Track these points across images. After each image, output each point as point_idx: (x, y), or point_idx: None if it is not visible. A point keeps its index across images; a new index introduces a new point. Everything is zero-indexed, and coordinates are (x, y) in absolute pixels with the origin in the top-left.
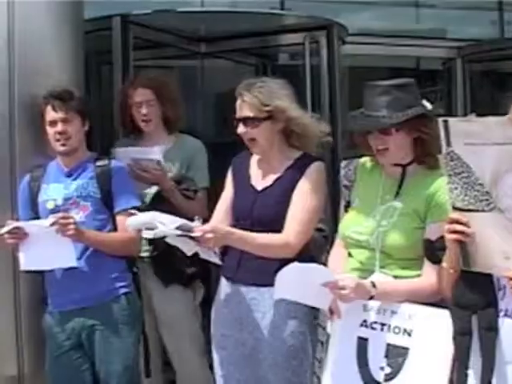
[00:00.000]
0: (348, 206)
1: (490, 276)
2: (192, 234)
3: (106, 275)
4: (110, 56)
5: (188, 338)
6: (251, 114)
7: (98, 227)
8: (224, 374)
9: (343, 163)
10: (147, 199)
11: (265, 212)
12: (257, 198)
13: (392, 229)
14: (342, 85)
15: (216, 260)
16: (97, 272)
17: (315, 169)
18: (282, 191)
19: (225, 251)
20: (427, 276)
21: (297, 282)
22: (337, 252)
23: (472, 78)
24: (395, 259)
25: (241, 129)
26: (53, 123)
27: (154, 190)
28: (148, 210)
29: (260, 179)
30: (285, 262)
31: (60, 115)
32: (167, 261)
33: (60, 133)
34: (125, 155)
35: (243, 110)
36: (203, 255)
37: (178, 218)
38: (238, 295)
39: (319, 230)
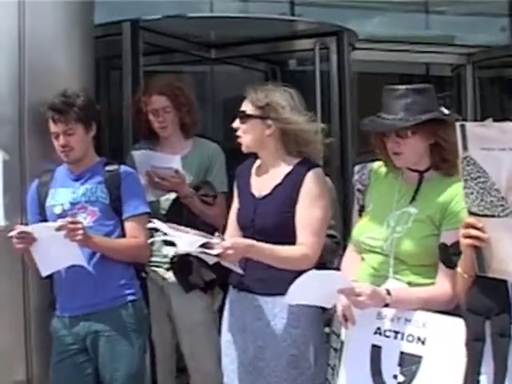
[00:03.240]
0: (362, 210)
1: (504, 282)
2: (213, 252)
3: (113, 282)
4: (120, 61)
5: (206, 343)
6: (245, 109)
7: (106, 233)
8: (226, 382)
9: (357, 167)
10: (165, 205)
11: (265, 222)
12: (257, 206)
13: (406, 235)
14: (351, 90)
15: (238, 270)
16: (104, 278)
17: (315, 175)
18: (281, 200)
19: None
20: (441, 284)
21: (312, 288)
22: (350, 257)
23: (482, 84)
24: (409, 265)
25: (235, 123)
26: (55, 135)
27: (172, 196)
28: (167, 217)
29: (260, 187)
30: (292, 272)
31: (60, 128)
32: (187, 267)
33: (62, 146)
34: (143, 160)
35: (243, 105)
36: (225, 263)
37: (199, 236)
38: (243, 303)
39: (331, 236)
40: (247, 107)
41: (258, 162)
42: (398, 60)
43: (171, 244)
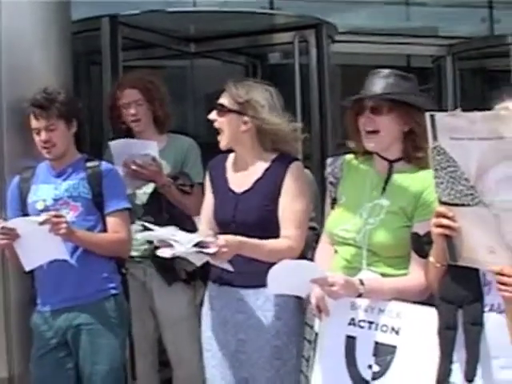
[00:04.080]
0: (334, 203)
1: (476, 270)
2: (209, 251)
3: (95, 275)
4: (99, 56)
5: (188, 337)
6: (223, 102)
7: (89, 227)
8: (208, 377)
9: (329, 160)
10: (144, 198)
11: (248, 216)
12: (237, 201)
13: (379, 227)
14: (332, 83)
15: (229, 267)
16: (86, 272)
17: (296, 169)
18: (264, 194)
19: None
20: (415, 274)
21: (287, 277)
22: (323, 249)
23: (462, 75)
24: (382, 257)
25: (212, 114)
26: (37, 131)
27: (150, 189)
28: (146, 208)
29: (238, 182)
30: (271, 264)
31: (42, 124)
32: (169, 259)
33: (44, 141)
34: (120, 149)
35: (221, 97)
36: (215, 262)
37: (193, 235)
38: (224, 297)
39: (312, 228)
40: (226, 101)
41: (232, 157)
42: (378, 52)
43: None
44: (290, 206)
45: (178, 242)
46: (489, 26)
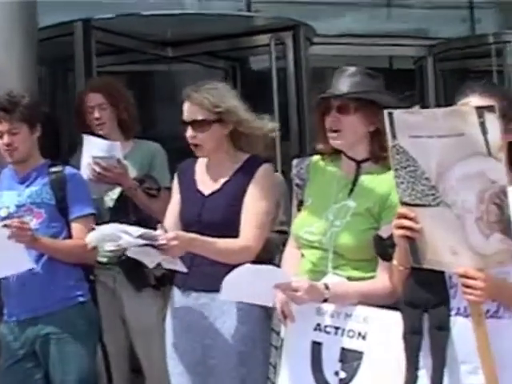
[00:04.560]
0: (301, 205)
1: (441, 273)
2: (156, 243)
3: (61, 283)
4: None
5: (159, 344)
6: (201, 117)
7: (53, 234)
8: None
9: (295, 162)
10: (110, 204)
11: (214, 216)
12: (205, 202)
13: (345, 229)
14: (310, 86)
15: (182, 268)
16: (52, 280)
17: (264, 171)
18: (232, 195)
19: None
20: (381, 277)
21: (248, 284)
22: (289, 252)
23: (443, 76)
24: (348, 260)
25: (190, 132)
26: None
27: (116, 194)
28: (112, 213)
29: (207, 184)
30: (236, 267)
31: (5, 127)
32: (137, 264)
33: (6, 145)
34: (87, 147)
35: (192, 112)
36: (167, 265)
37: (140, 228)
38: (188, 302)
39: (282, 232)
40: (202, 114)
41: (203, 160)
42: (360, 54)
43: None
44: (253, 205)
45: (125, 234)
46: (470, 26)
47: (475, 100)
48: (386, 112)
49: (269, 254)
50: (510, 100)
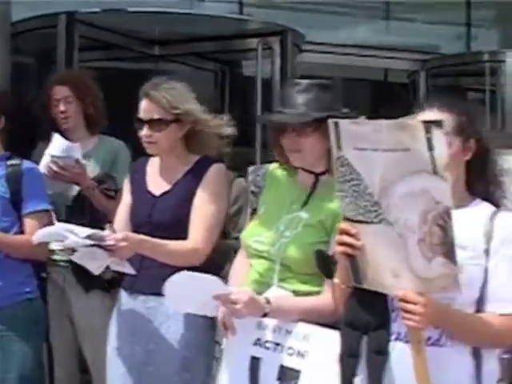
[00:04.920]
0: (255, 213)
1: (384, 295)
2: (104, 244)
3: (9, 279)
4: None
5: (106, 346)
6: (158, 116)
7: (4, 228)
8: None
9: (251, 169)
10: (69, 201)
11: (164, 217)
12: (155, 203)
13: (294, 240)
14: None
15: (131, 270)
16: (0, 276)
17: (215, 171)
18: (182, 196)
19: None
20: (326, 294)
21: (188, 292)
22: (239, 261)
23: (436, 91)
24: (296, 273)
25: (145, 131)
26: None
27: (74, 192)
28: (69, 212)
29: (158, 184)
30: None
31: None
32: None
33: None
34: (52, 145)
35: (150, 111)
36: (116, 267)
37: (88, 229)
38: (135, 305)
39: (235, 238)
40: (159, 114)
41: (154, 160)
42: (354, 64)
43: None
44: (201, 208)
45: (72, 234)
46: (466, 43)
47: (431, 115)
48: (331, 122)
49: (226, 259)
50: (469, 116)
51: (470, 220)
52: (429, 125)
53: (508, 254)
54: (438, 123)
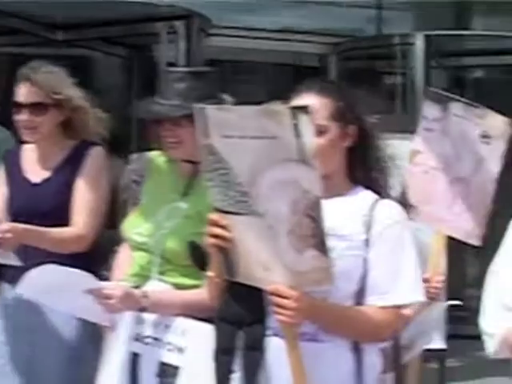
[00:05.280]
0: (137, 203)
1: (259, 289)
2: None
3: None
4: None
5: None
6: (40, 100)
7: None
8: None
9: (134, 156)
10: None
11: (45, 205)
12: (34, 191)
13: (173, 232)
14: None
15: (16, 262)
16: None
17: (95, 154)
18: (62, 182)
19: None
20: (205, 288)
21: (56, 286)
22: (122, 254)
23: (348, 75)
24: (176, 265)
25: (25, 116)
26: None
27: None
28: None
29: (36, 172)
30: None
31: None
32: None
33: None
34: None
35: (30, 95)
36: (1, 259)
37: None
38: (19, 299)
39: None
40: (40, 97)
41: (28, 147)
42: (267, 49)
43: None
44: (82, 192)
45: None
46: (377, 26)
47: (308, 99)
48: (196, 107)
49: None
50: (349, 101)
51: (350, 209)
52: (295, 110)
53: (388, 244)
54: (305, 109)
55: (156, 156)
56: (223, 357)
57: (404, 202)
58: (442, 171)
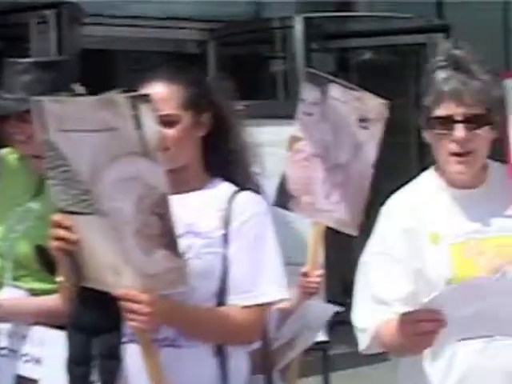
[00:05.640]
0: None
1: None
2: None
3: None
4: None
5: None
6: None
7: None
8: None
9: None
10: None
11: None
12: None
13: (25, 235)
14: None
15: None
16: None
17: None
18: None
19: None
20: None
21: None
22: None
23: (227, 62)
24: (30, 270)
25: None
26: None
27: None
28: None
29: None
30: None
31: None
32: None
33: None
34: None
35: None
36: None
37: None
38: None
39: None
40: None
41: None
42: (145, 37)
43: None
44: None
45: None
46: (255, 9)
47: (158, 88)
48: (32, 100)
49: None
50: (202, 88)
51: (207, 203)
52: (135, 100)
53: (248, 239)
54: (145, 97)
55: (7, 153)
56: (78, 368)
57: (283, 192)
58: (321, 158)
